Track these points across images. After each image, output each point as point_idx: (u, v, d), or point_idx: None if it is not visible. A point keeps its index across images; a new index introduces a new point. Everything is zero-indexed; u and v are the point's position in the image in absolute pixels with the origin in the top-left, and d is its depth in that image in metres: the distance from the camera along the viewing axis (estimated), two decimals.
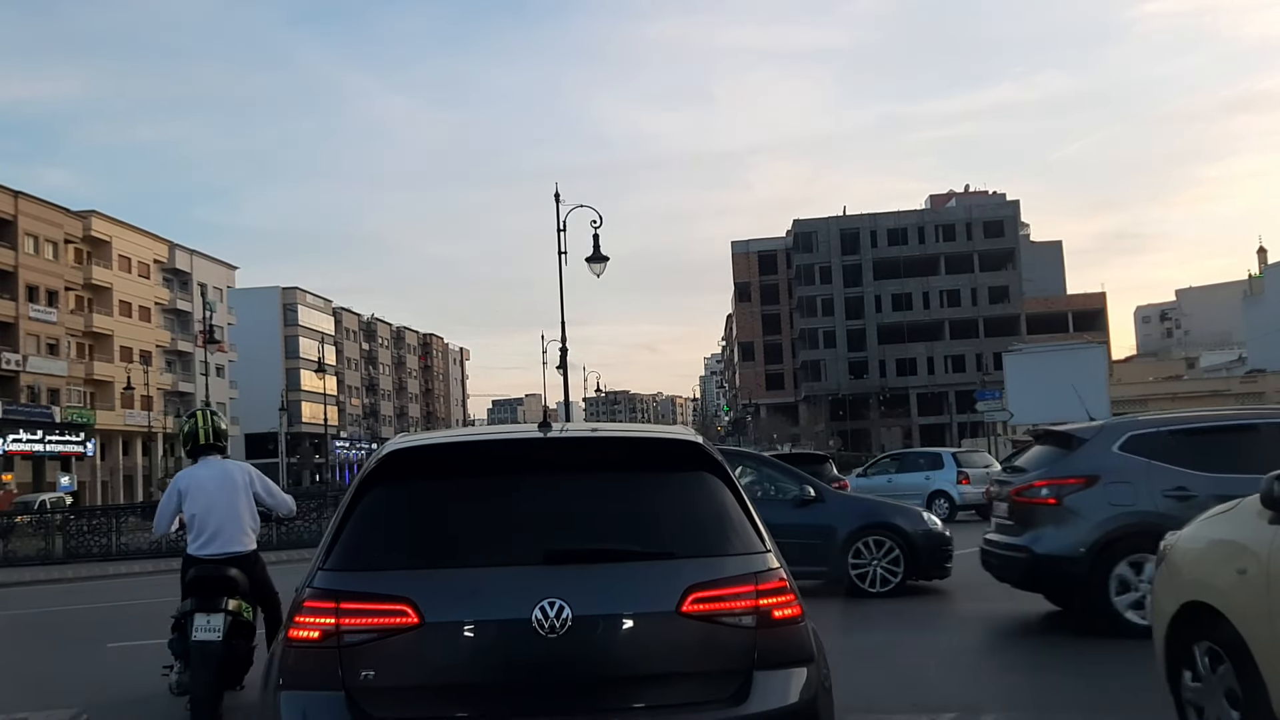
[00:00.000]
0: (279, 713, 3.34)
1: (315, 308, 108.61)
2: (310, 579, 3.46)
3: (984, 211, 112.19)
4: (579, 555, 3.46)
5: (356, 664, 3.29)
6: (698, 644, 3.36)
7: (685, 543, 3.53)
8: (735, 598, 3.40)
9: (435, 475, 3.70)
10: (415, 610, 3.29)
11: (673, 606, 3.35)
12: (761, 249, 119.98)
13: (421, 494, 3.63)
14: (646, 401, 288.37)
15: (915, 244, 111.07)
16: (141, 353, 79.59)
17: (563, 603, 3.28)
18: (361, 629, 3.30)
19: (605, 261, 27.60)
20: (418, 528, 3.56)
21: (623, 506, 3.63)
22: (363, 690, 3.28)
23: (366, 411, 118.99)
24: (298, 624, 3.38)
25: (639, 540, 3.55)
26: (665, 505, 3.66)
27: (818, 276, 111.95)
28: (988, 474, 22.20)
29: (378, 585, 3.36)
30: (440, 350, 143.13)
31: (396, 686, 3.28)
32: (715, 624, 3.37)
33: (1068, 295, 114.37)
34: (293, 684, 3.35)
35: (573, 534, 3.54)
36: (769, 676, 3.38)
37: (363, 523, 3.54)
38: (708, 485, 3.66)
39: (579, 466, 3.74)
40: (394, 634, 3.29)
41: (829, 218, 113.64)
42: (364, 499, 3.58)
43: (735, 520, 3.61)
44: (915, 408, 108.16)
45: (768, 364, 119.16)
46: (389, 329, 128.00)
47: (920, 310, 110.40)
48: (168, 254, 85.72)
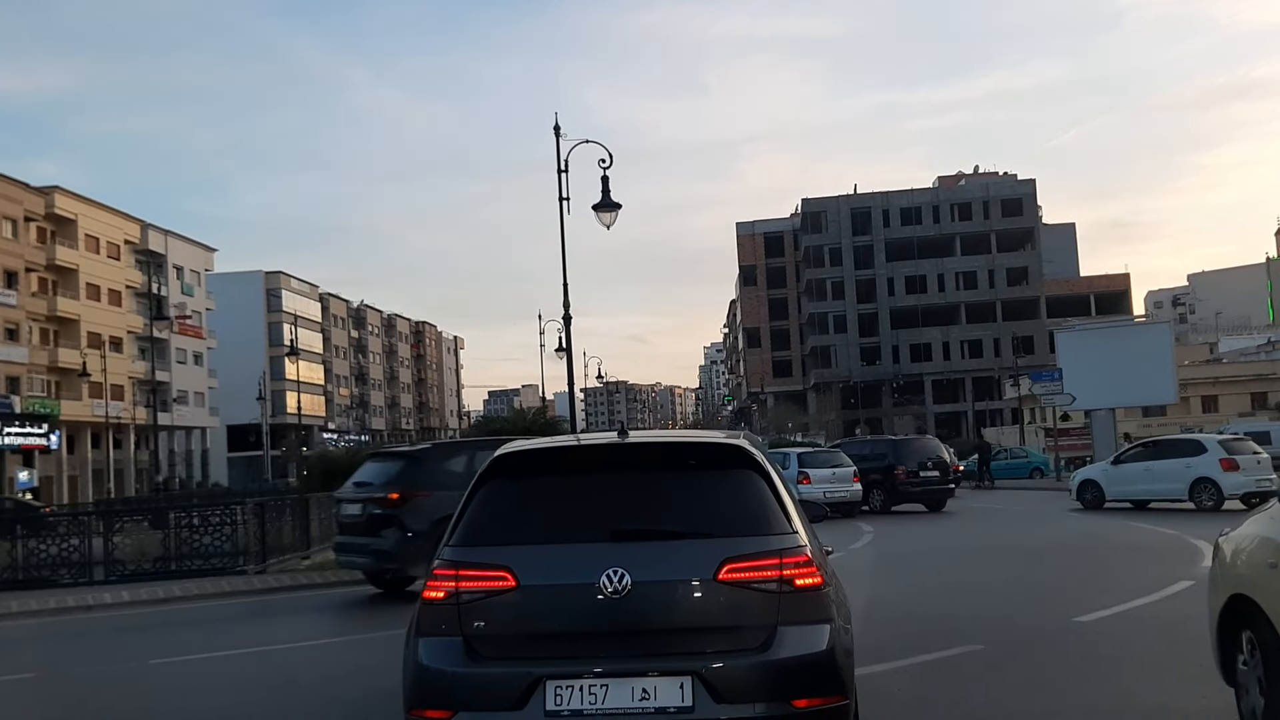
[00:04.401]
0: (418, 653, 4.38)
1: (300, 293, 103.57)
2: (440, 553, 4.54)
3: (1001, 190, 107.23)
4: (638, 534, 4.45)
5: (470, 617, 4.34)
6: (731, 605, 4.28)
7: (725, 525, 4.48)
8: (762, 569, 4.32)
9: (532, 473, 4.85)
10: (513, 576, 4.34)
11: (711, 575, 4.29)
12: (768, 230, 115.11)
13: (520, 487, 4.74)
14: (645, 392, 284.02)
15: (929, 224, 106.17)
16: (111, 339, 74.47)
17: (624, 571, 4.26)
18: (474, 591, 4.36)
19: (616, 210, 22.60)
20: (517, 513, 4.64)
21: (676, 496, 4.65)
22: (475, 636, 4.33)
23: (355, 401, 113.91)
24: (430, 587, 4.45)
25: (686, 523, 4.52)
26: (711, 495, 4.63)
27: (827, 258, 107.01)
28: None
29: (486, 557, 4.41)
30: (433, 339, 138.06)
31: (498, 634, 4.34)
32: (746, 589, 4.29)
33: (1089, 277, 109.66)
34: (426, 632, 4.40)
35: (634, 518, 4.55)
36: (791, 631, 4.26)
37: (477, 509, 4.63)
38: (748, 479, 4.66)
39: (644, 465, 4.80)
40: (497, 595, 4.34)
41: (839, 196, 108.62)
42: (478, 492, 4.66)
43: (769, 507, 4.56)
44: (930, 395, 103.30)
45: (775, 350, 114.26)
46: (379, 316, 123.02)
47: (935, 293, 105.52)
48: (140, 234, 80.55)
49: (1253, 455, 22.13)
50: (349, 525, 12.56)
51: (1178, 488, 21.80)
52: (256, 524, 14.50)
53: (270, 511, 15.24)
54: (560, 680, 4.19)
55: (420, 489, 11.63)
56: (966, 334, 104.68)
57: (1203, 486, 21.66)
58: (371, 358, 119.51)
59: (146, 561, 14.57)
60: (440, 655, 4.31)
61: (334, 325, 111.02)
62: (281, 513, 15.96)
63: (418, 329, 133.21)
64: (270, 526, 15.03)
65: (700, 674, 4.16)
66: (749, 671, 4.20)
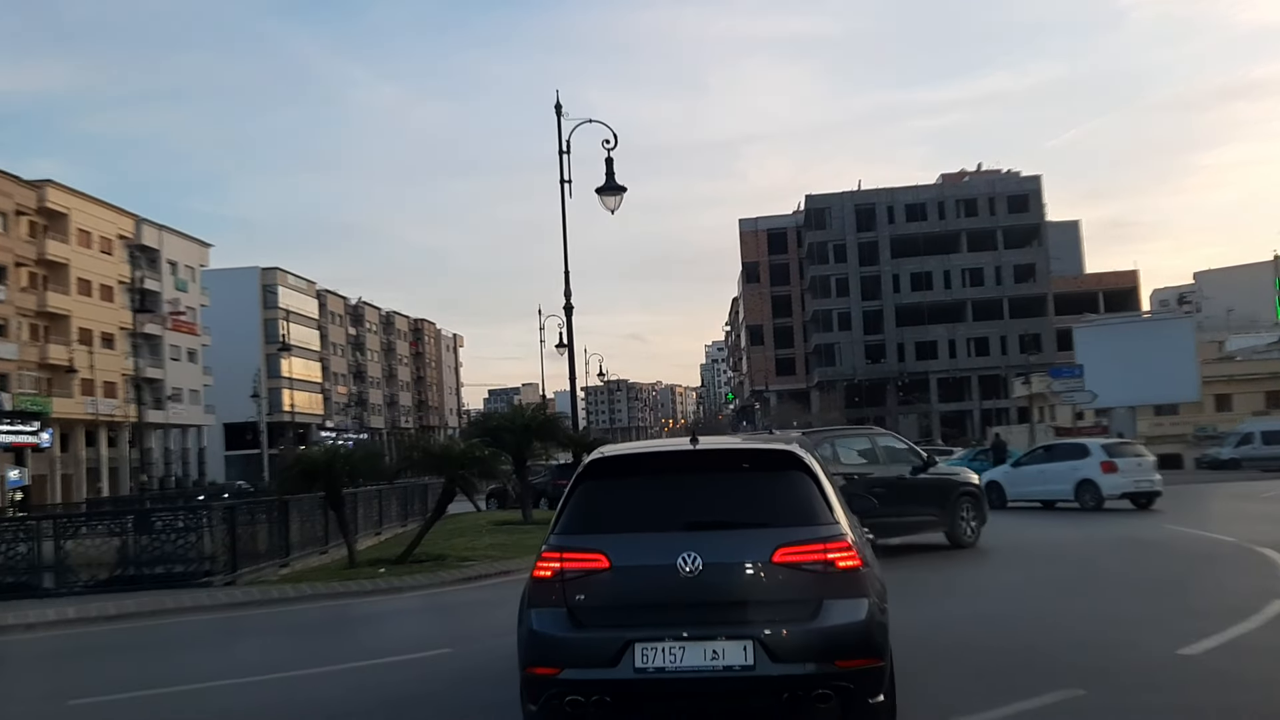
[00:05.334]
0: (530, 621, 5.28)
1: (297, 289, 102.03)
2: (546, 540, 5.47)
3: (1007, 185, 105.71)
4: (707, 525, 5.37)
5: (572, 591, 5.25)
6: (784, 582, 5.19)
7: (779, 516, 5.41)
8: (810, 553, 5.23)
9: (619, 474, 5.81)
10: (606, 558, 5.27)
11: (767, 558, 5.22)
12: (771, 227, 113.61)
13: (610, 486, 5.68)
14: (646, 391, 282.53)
15: (935, 220, 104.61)
16: (103, 335, 73.01)
17: (696, 554, 5.18)
18: (575, 570, 5.28)
19: (620, 193, 21.20)
20: (608, 507, 5.55)
21: (738, 493, 5.59)
22: (575, 607, 5.23)
23: (353, 399, 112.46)
24: (539, 567, 5.39)
25: (747, 515, 5.45)
26: (768, 492, 5.57)
27: (831, 255, 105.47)
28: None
29: (584, 544, 5.33)
30: (432, 336, 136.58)
31: (595, 606, 5.23)
32: (796, 569, 5.21)
33: (1097, 274, 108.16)
34: (537, 604, 5.31)
35: (703, 511, 5.46)
36: (834, 604, 5.15)
37: (575, 504, 5.57)
38: (798, 479, 5.59)
39: (711, 467, 5.77)
40: (594, 573, 5.27)
41: (843, 192, 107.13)
42: (577, 489, 5.61)
43: (816, 502, 5.49)
44: (936, 394, 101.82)
45: (778, 348, 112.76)
46: (377, 313, 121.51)
47: (941, 290, 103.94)
48: (133, 229, 79.08)
49: (1134, 458, 23.21)
50: None
51: (1065, 489, 22.84)
52: (225, 530, 13.05)
53: (242, 515, 13.79)
54: (646, 643, 5.08)
55: None
56: (973, 331, 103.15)
57: (1085, 487, 22.80)
58: (370, 355, 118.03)
59: (103, 571, 13.14)
60: (548, 622, 5.18)
61: (331, 322, 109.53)
62: (256, 517, 14.53)
63: (416, 326, 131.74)
64: (242, 532, 13.62)
65: (760, 639, 5.04)
66: (800, 637, 5.05)
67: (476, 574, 13.59)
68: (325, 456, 13.89)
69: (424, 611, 11.36)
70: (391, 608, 11.61)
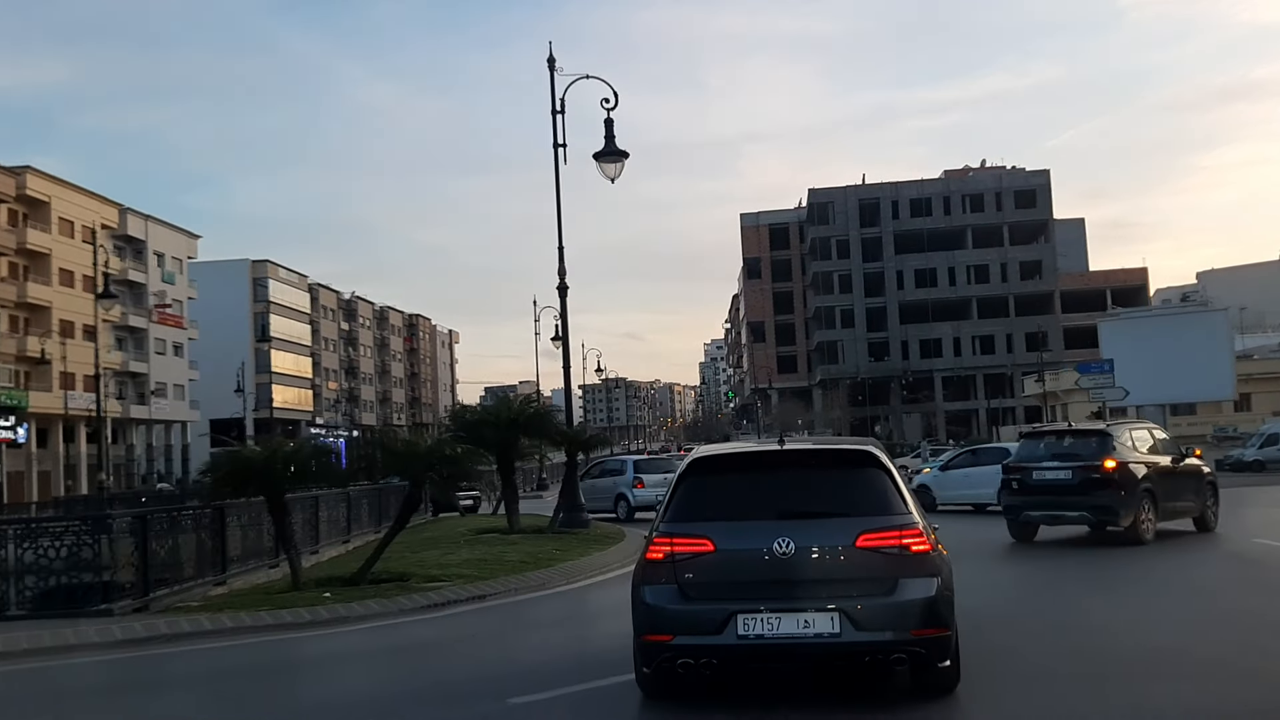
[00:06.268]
0: (644, 596, 6.26)
1: (289, 283, 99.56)
2: (655, 528, 6.47)
3: (1014, 181, 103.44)
4: (797, 514, 6.29)
5: (681, 570, 6.21)
6: (865, 563, 6.11)
7: (859, 507, 6.31)
8: (887, 538, 6.15)
9: (720, 470, 6.85)
10: (712, 543, 6.21)
11: (850, 542, 6.14)
12: (773, 222, 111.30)
13: (711, 480, 6.64)
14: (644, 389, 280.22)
15: (940, 215, 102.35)
16: (85, 328, 70.56)
17: (789, 539, 6.09)
18: (684, 553, 6.22)
19: (621, 160, 18.92)
20: (711, 498, 6.49)
21: (823, 486, 6.54)
22: (684, 584, 6.19)
23: (345, 395, 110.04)
24: (651, 550, 6.34)
25: (832, 506, 6.36)
26: (849, 486, 6.49)
27: (834, 250, 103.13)
28: None
29: (691, 530, 6.28)
30: (427, 332, 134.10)
31: (701, 582, 6.18)
32: (876, 552, 6.12)
33: (1105, 271, 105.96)
34: (650, 581, 6.29)
35: (793, 502, 6.37)
36: (908, 581, 6.09)
37: (682, 496, 6.50)
38: (875, 475, 6.47)
39: (799, 464, 6.79)
40: (701, 555, 6.21)
41: (846, 187, 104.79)
42: (682, 484, 6.55)
43: (892, 495, 6.37)
44: (940, 392, 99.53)
45: (780, 345, 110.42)
46: (371, 308, 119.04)
47: (946, 287, 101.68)
48: (118, 219, 76.71)
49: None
50: (1050, 488, 15.55)
51: (989, 492, 22.34)
52: (133, 544, 10.66)
53: (159, 526, 11.39)
54: (747, 614, 6.05)
55: (1119, 459, 14.82)
56: (978, 329, 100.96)
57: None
58: (362, 351, 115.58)
59: None
60: (661, 597, 6.22)
61: (324, 317, 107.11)
62: (182, 527, 12.16)
63: (411, 322, 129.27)
64: (160, 546, 11.26)
65: (845, 610, 6.01)
66: (879, 609, 6.03)
67: (444, 599, 11.25)
68: (263, 455, 11.56)
69: (368, 656, 8.98)
70: (327, 649, 9.24)
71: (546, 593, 12.28)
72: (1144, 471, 15.18)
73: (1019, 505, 16.16)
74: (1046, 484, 15.72)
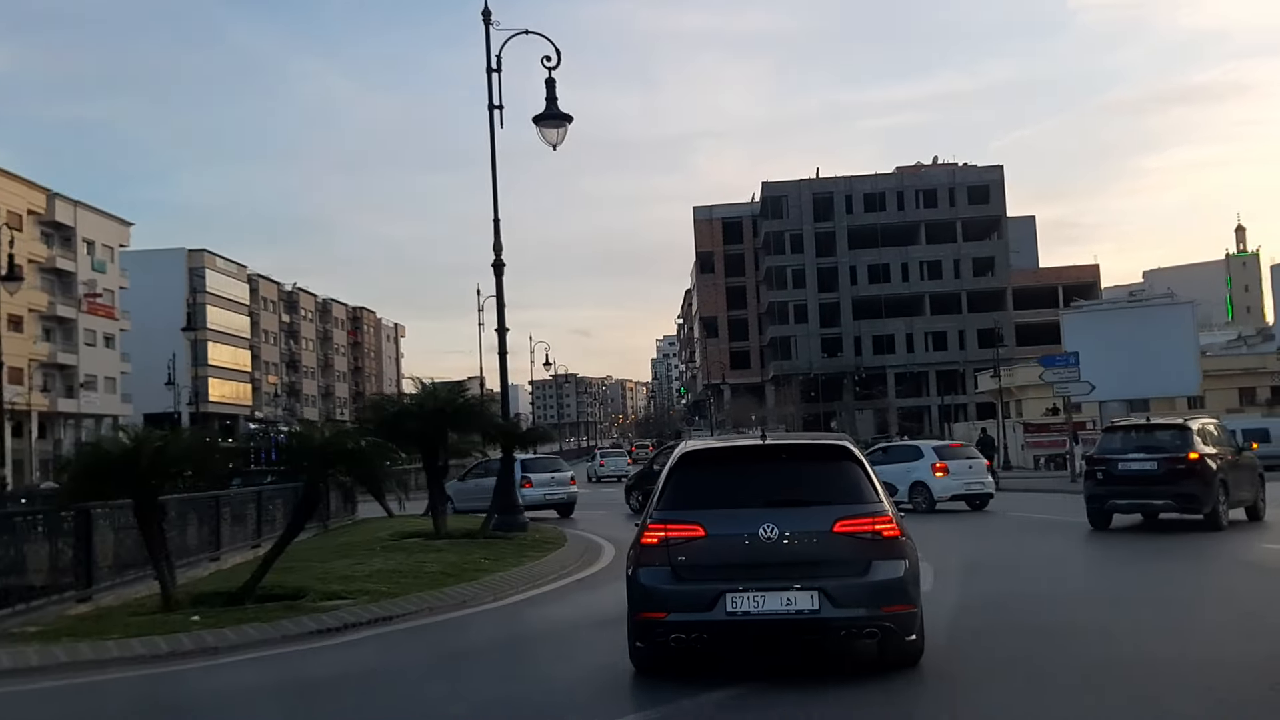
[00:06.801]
0: (640, 577, 6.90)
1: (227, 273, 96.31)
2: (649, 514, 7.07)
3: (967, 176, 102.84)
4: (780, 502, 6.93)
5: (674, 553, 6.79)
6: (842, 546, 6.74)
7: (836, 496, 6.95)
8: (861, 525, 6.79)
9: (708, 463, 7.56)
10: (703, 528, 6.80)
11: (828, 528, 6.76)
12: (726, 215, 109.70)
13: (700, 472, 7.34)
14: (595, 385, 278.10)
15: (894, 210, 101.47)
16: (11, 317, 67.19)
17: (773, 525, 6.71)
18: (677, 537, 6.81)
19: (563, 124, 17.03)
20: (701, 488, 7.13)
21: (803, 477, 7.20)
22: (677, 565, 6.78)
23: (286, 389, 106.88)
24: (646, 534, 6.95)
25: (811, 495, 7.00)
26: (826, 477, 7.13)
27: (788, 245, 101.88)
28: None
29: (684, 517, 6.87)
30: (372, 325, 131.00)
31: (693, 564, 6.77)
32: (851, 537, 6.75)
33: (1057, 268, 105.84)
34: (645, 564, 6.90)
35: (777, 492, 7.02)
36: (880, 563, 6.73)
37: (673, 486, 7.11)
38: (849, 467, 7.14)
39: (781, 457, 7.45)
40: (693, 540, 6.79)
41: (800, 180, 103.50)
42: (673, 476, 7.19)
43: (864, 486, 7.03)
44: (893, 389, 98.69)
45: (733, 341, 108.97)
46: (314, 301, 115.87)
47: (899, 282, 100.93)
48: (45, 204, 73.35)
49: (965, 460, 24.06)
50: (1136, 478, 16.15)
51: (900, 490, 22.52)
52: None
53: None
54: (735, 593, 6.60)
55: (1200, 451, 15.52)
56: (931, 325, 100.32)
57: (918, 489, 23.16)
58: (304, 344, 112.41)
59: None
60: (655, 578, 6.80)
61: (263, 309, 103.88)
62: (32, 534, 10.16)
63: (355, 315, 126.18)
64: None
65: (824, 589, 6.60)
66: (854, 588, 6.64)
67: (339, 623, 9.32)
68: (124, 448, 9.57)
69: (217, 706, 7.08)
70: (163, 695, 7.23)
71: (469, 612, 10.39)
72: (1218, 463, 16.18)
73: (1104, 495, 16.78)
74: (1132, 474, 16.43)
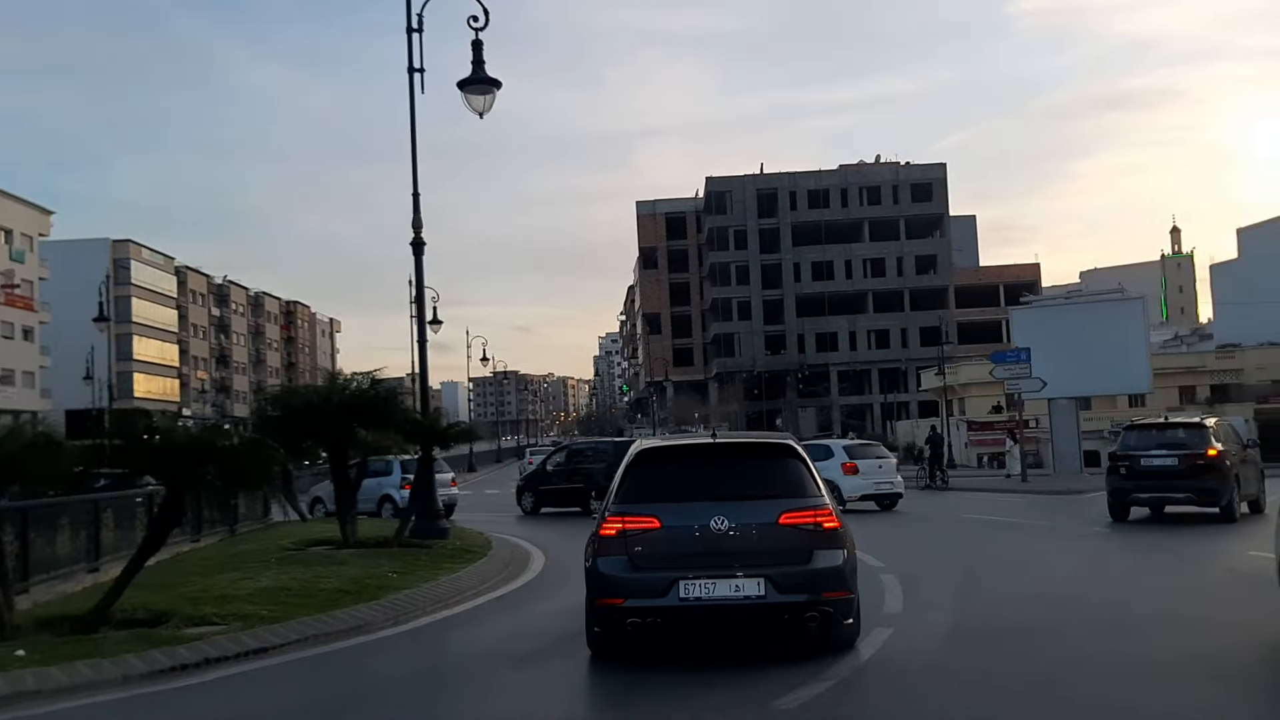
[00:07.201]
0: (598, 566, 7.33)
1: (153, 264, 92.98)
2: (606, 507, 7.60)
3: (911, 174, 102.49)
4: (730, 496, 7.39)
5: (631, 544, 7.27)
6: (787, 537, 7.26)
7: (781, 490, 7.49)
8: (804, 517, 7.33)
9: (663, 459, 8.07)
10: (658, 520, 7.29)
11: (774, 520, 7.29)
12: (669, 210, 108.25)
13: (656, 468, 7.84)
14: (537, 383, 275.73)
15: (838, 207, 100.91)
16: None
17: (724, 517, 7.21)
18: (634, 529, 7.29)
19: (491, 90, 15.49)
20: (656, 483, 7.61)
21: (751, 473, 7.72)
22: (634, 555, 7.25)
23: (215, 385, 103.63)
24: (604, 527, 7.41)
25: (758, 489, 7.50)
26: (771, 473, 7.66)
27: (732, 241, 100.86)
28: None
29: (640, 510, 7.37)
30: (306, 320, 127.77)
31: (649, 554, 7.24)
32: (795, 528, 7.29)
33: (998, 266, 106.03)
34: (604, 554, 7.35)
35: (726, 486, 7.48)
36: (821, 553, 7.27)
37: (630, 482, 7.59)
38: (793, 464, 7.69)
39: (730, 455, 8.03)
40: (649, 531, 7.28)
41: (744, 176, 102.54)
42: (630, 472, 7.68)
43: (806, 481, 7.60)
44: (835, 387, 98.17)
45: (675, 338, 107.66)
46: (245, 294, 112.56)
47: (842, 280, 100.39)
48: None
49: (875, 460, 24.27)
50: (1157, 473, 17.04)
51: None
52: None
53: None
54: (687, 580, 7.07)
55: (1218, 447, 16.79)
56: (874, 323, 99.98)
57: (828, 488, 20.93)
58: (235, 338, 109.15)
59: None
60: (613, 566, 7.24)
61: (192, 302, 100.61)
62: None
63: (289, 309, 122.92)
64: None
65: (769, 576, 7.09)
66: (797, 575, 7.16)
67: (198, 657, 7.63)
68: None
69: None
70: None
71: (363, 640, 8.72)
72: (1232, 459, 17.09)
73: (1128, 489, 17.70)
74: (1154, 469, 17.37)
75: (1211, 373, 67.38)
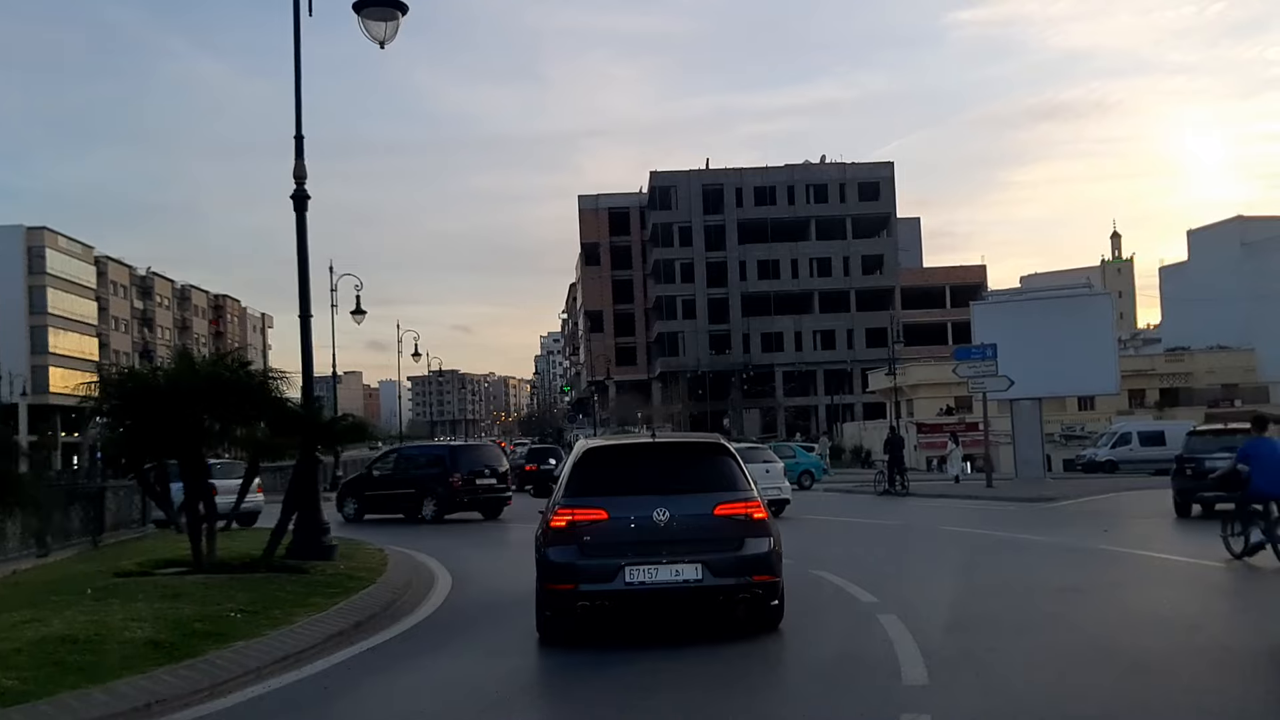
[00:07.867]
0: (548, 555, 8.11)
1: (70, 254, 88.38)
2: (556, 500, 8.36)
3: (858, 172, 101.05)
4: (670, 490, 8.18)
5: (580, 534, 7.99)
6: (720, 526, 8.05)
7: (715, 485, 8.29)
8: (736, 508, 8.11)
9: (608, 457, 8.89)
10: (606, 512, 8.04)
11: (710, 511, 8.09)
12: (613, 205, 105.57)
13: (603, 465, 8.66)
14: (478, 382, 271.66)
15: (784, 205, 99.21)
16: None
17: (665, 509, 7.96)
18: (583, 520, 8.02)
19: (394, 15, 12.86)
20: (602, 479, 8.40)
21: (688, 470, 8.56)
22: (583, 544, 7.98)
23: None
24: (554, 518, 8.15)
25: (695, 484, 8.30)
26: (706, 470, 8.47)
27: (676, 237, 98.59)
28: None
29: (589, 503, 8.10)
30: (237, 315, 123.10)
31: (597, 542, 7.96)
32: (728, 519, 8.08)
33: (945, 268, 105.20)
34: (554, 543, 8.09)
35: (667, 482, 8.31)
36: (751, 540, 8.05)
37: (577, 477, 8.41)
38: (725, 461, 8.54)
39: (669, 453, 9.08)
40: (596, 522, 8.01)
41: (690, 171, 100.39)
42: (578, 469, 8.51)
43: (739, 477, 8.40)
44: (781, 387, 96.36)
45: (618, 336, 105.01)
46: (171, 286, 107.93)
47: (789, 279, 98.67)
48: None
49: (762, 465, 23.69)
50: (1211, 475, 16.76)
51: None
52: None
53: None
54: (632, 565, 7.83)
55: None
56: (819, 324, 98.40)
57: None
58: (160, 333, 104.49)
59: None
60: (564, 555, 7.99)
61: (113, 294, 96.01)
62: None
63: (218, 303, 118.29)
64: None
65: (706, 562, 7.87)
66: (730, 561, 7.93)
67: None
68: None
69: None
70: None
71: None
72: None
73: (1192, 489, 18.90)
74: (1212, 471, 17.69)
75: (1161, 376, 66.45)
